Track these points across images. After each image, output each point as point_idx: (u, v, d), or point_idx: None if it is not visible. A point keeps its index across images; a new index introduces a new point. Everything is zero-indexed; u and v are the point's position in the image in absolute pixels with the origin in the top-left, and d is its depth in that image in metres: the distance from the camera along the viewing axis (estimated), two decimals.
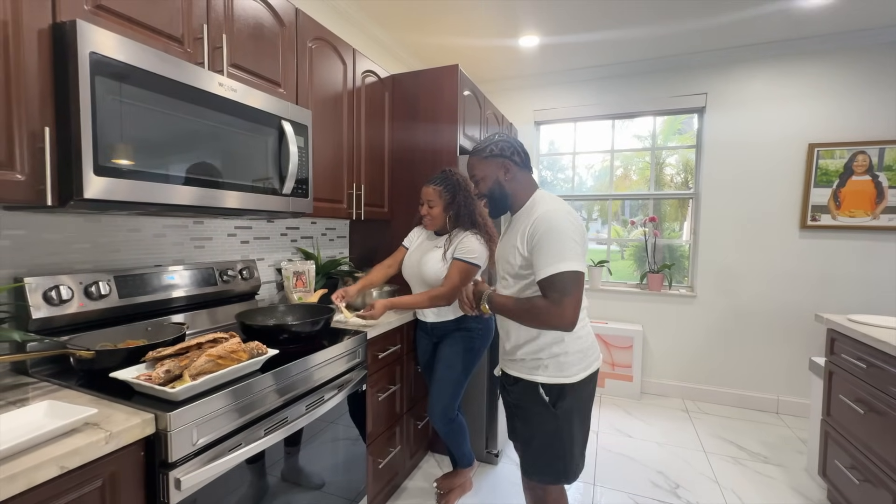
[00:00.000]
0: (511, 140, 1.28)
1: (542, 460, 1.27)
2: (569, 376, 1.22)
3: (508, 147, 1.26)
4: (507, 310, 1.24)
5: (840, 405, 1.81)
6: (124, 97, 1.00)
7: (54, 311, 1.13)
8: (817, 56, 2.78)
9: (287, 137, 1.43)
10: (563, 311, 1.10)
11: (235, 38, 1.37)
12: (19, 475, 0.65)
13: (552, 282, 1.11)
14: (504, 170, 1.26)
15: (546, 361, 1.22)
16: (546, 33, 2.73)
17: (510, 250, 1.25)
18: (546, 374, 1.22)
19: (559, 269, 1.10)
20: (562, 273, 1.10)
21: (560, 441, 1.24)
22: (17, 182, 0.89)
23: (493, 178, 1.27)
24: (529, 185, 1.29)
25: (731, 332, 3.07)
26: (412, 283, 1.87)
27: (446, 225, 1.79)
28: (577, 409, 1.24)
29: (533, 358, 1.24)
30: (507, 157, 1.25)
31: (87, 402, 0.91)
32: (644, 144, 3.43)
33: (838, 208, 2.78)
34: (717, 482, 2.12)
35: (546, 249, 1.12)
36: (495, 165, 1.26)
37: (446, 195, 1.75)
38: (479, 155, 1.29)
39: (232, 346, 1.08)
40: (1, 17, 0.85)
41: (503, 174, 1.26)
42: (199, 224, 1.65)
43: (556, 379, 1.22)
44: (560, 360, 1.22)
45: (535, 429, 1.26)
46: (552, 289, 1.11)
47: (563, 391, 1.22)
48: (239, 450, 1.01)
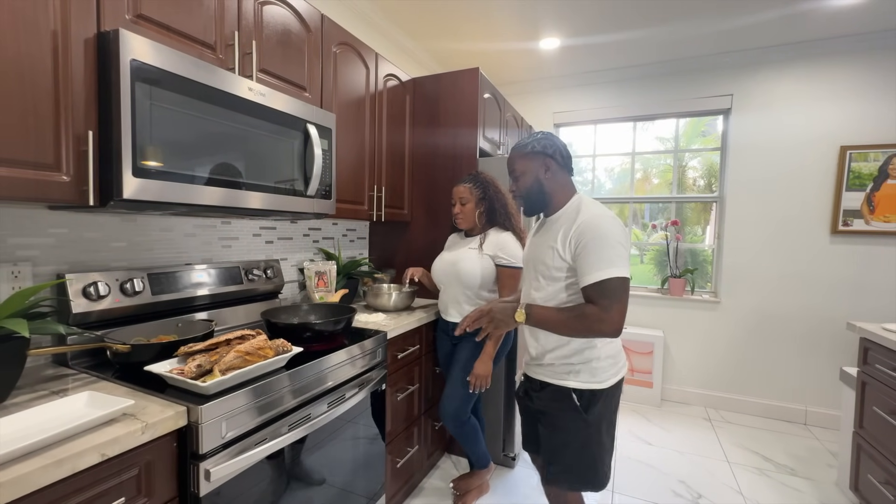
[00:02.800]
0: (555, 139, 1.26)
1: (576, 468, 1.24)
2: (601, 381, 1.20)
3: (551, 146, 1.24)
4: (550, 321, 1.17)
5: (873, 417, 1.75)
6: (161, 102, 1.04)
7: (92, 306, 1.18)
8: (848, 56, 2.69)
9: (312, 140, 1.47)
10: (613, 317, 1.08)
11: (264, 44, 1.41)
12: (66, 460, 0.69)
13: (603, 288, 1.08)
14: (545, 167, 1.24)
15: (578, 367, 1.20)
16: (567, 35, 2.72)
17: (545, 251, 1.22)
18: (578, 380, 1.20)
19: (610, 275, 1.08)
20: (612, 279, 1.08)
21: (591, 448, 1.21)
22: (62, 183, 0.94)
23: (532, 175, 1.25)
24: (569, 186, 1.27)
25: (757, 339, 2.98)
26: (446, 283, 1.88)
27: (477, 223, 1.85)
28: (605, 416, 1.22)
29: (564, 363, 1.22)
30: (548, 156, 1.24)
31: (124, 393, 0.95)
32: (666, 147, 3.37)
33: (872, 213, 2.68)
34: (742, 493, 2.06)
35: (595, 254, 1.10)
36: (536, 162, 1.24)
37: (477, 191, 1.83)
38: (521, 150, 1.27)
39: (259, 343, 1.11)
40: (51, 28, 0.90)
41: (543, 172, 1.24)
42: (227, 224, 1.70)
43: (588, 384, 1.19)
44: (593, 366, 1.20)
45: (568, 436, 1.23)
46: (602, 295, 1.08)
47: (595, 397, 1.19)
48: (264, 444, 1.04)
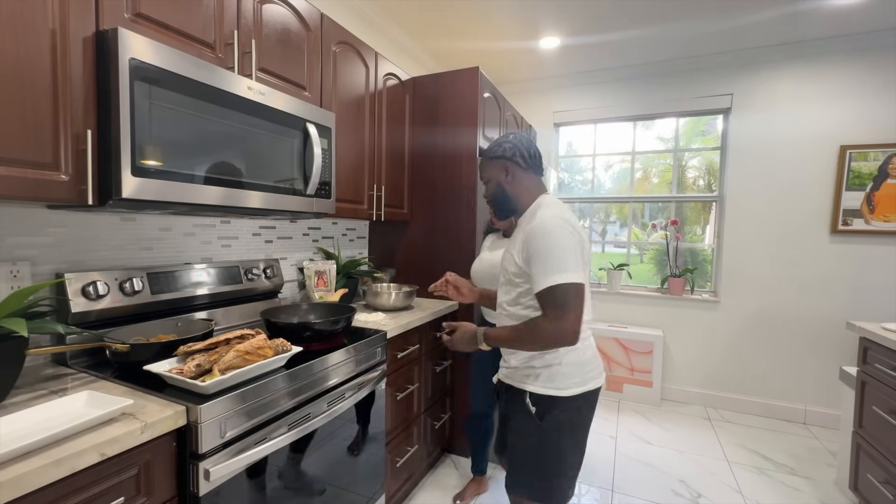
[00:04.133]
0: (518, 142, 1.25)
1: (524, 474, 1.20)
2: (560, 388, 1.14)
3: (511, 148, 1.23)
4: (507, 341, 1.16)
5: (873, 417, 1.75)
6: (160, 101, 1.04)
7: (91, 305, 1.18)
8: (848, 55, 2.69)
9: (311, 139, 1.47)
10: (564, 326, 1.04)
11: (264, 43, 1.41)
12: (65, 460, 0.69)
13: (553, 295, 1.05)
14: (504, 171, 1.24)
15: (538, 370, 1.16)
16: (567, 34, 2.71)
17: (507, 257, 1.23)
18: (536, 384, 1.16)
19: (558, 282, 1.04)
20: (561, 286, 1.04)
21: (543, 457, 1.16)
22: (61, 182, 0.93)
23: (495, 181, 1.26)
24: (535, 188, 1.25)
25: (757, 339, 2.99)
26: (489, 285, 1.74)
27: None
28: (568, 428, 1.16)
29: (526, 366, 1.19)
30: (507, 159, 1.23)
31: (123, 393, 0.95)
32: (666, 146, 3.37)
33: (872, 212, 2.68)
34: (741, 493, 2.07)
35: (544, 260, 1.06)
36: (498, 167, 1.25)
37: None
38: (485, 156, 1.29)
39: (258, 343, 1.11)
40: (50, 27, 0.90)
41: (504, 176, 1.24)
42: (227, 223, 1.70)
43: (545, 390, 1.15)
44: (553, 371, 1.15)
45: (521, 440, 1.20)
46: (553, 304, 1.05)
47: (553, 404, 1.15)
48: (264, 444, 1.04)
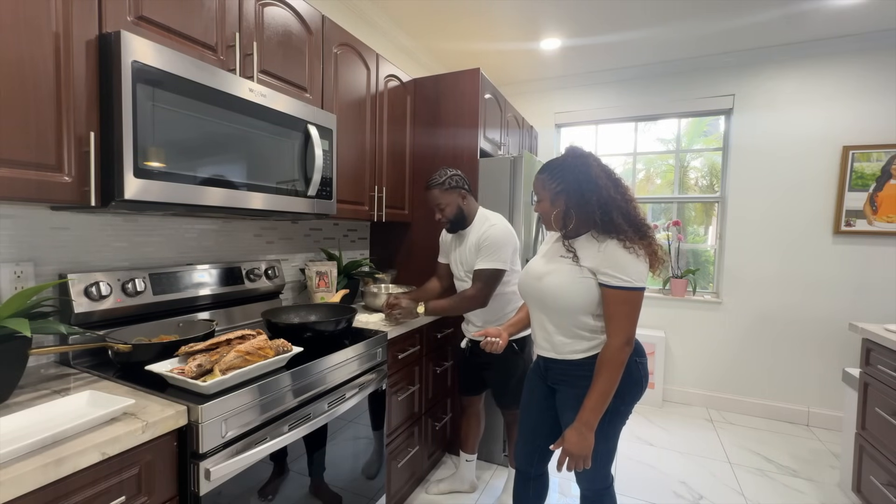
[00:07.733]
0: (460, 174, 1.75)
1: (517, 392, 1.65)
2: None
3: (460, 179, 1.73)
4: (444, 309, 1.72)
5: (876, 418, 1.74)
6: (162, 103, 1.05)
7: (94, 305, 1.19)
8: (851, 56, 2.68)
9: (313, 141, 1.47)
10: (479, 295, 1.67)
11: (265, 45, 1.42)
12: (67, 459, 0.70)
13: (480, 273, 1.67)
14: (461, 197, 1.74)
15: None
16: (568, 35, 2.72)
17: (465, 252, 1.76)
18: None
19: (486, 266, 1.66)
20: (488, 269, 1.66)
21: (521, 377, 1.69)
22: (64, 184, 0.94)
23: (455, 205, 1.73)
24: (475, 205, 1.81)
25: (759, 340, 2.98)
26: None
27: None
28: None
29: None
30: (460, 188, 1.72)
31: (124, 392, 0.96)
32: (668, 147, 3.37)
33: (875, 213, 2.67)
34: (743, 494, 2.06)
35: (485, 252, 1.66)
36: (455, 194, 1.72)
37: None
38: (440, 187, 1.71)
39: (259, 343, 1.12)
40: (53, 29, 0.91)
41: (462, 200, 1.74)
42: (228, 224, 1.71)
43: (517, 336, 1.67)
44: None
45: (506, 372, 1.80)
46: (478, 278, 1.67)
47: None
48: (264, 444, 1.04)
